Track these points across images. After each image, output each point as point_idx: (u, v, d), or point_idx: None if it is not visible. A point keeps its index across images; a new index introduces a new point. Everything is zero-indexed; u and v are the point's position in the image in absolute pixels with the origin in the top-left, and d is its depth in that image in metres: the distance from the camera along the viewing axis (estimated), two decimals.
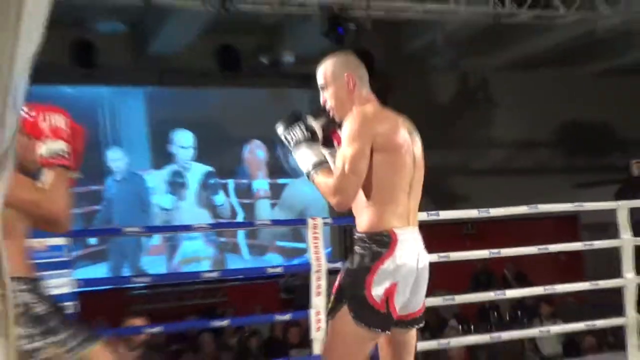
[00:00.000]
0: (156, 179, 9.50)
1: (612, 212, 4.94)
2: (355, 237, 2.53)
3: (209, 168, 9.68)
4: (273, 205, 9.96)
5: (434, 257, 4.42)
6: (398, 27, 9.37)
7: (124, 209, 9.19)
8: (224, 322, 5.26)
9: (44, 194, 2.08)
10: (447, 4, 7.20)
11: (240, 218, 9.75)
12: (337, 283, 2.56)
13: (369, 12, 6.86)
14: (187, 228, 8.48)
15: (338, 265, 3.95)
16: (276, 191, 9.96)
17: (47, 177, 2.12)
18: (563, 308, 8.02)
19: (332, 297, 2.57)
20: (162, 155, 9.54)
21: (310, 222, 4.23)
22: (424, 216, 4.59)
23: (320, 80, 2.68)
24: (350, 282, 2.47)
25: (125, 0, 6.42)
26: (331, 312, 2.51)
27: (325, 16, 6.97)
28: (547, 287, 4.79)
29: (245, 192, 9.87)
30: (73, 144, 2.21)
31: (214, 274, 4.78)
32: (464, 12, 7.41)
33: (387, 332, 2.51)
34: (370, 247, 2.46)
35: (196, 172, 9.62)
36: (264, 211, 9.91)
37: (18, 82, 0.79)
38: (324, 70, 2.67)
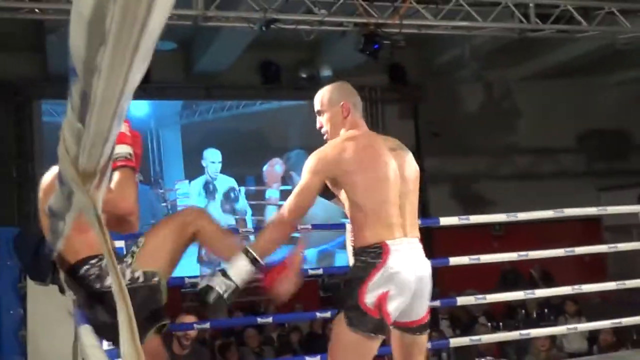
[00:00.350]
0: (189, 188, 10.00)
1: (634, 215, 4.83)
2: (353, 252, 2.54)
3: (232, 180, 10.07)
4: None
5: (465, 260, 4.37)
6: (429, 42, 9.30)
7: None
8: (269, 319, 5.19)
9: (115, 193, 2.22)
10: (474, 20, 7.12)
11: (249, 215, 10.15)
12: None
13: (402, 29, 6.80)
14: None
15: None
16: (285, 198, 10.19)
17: (116, 178, 2.25)
18: (587, 306, 7.84)
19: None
20: (193, 168, 10.01)
21: (348, 226, 4.19)
22: (455, 220, 4.55)
23: (317, 106, 2.69)
24: (345, 291, 2.48)
25: (177, 22, 6.47)
26: (333, 320, 2.54)
27: (361, 33, 6.93)
28: (575, 286, 4.68)
29: (257, 196, 10.32)
30: (134, 148, 2.35)
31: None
32: (490, 27, 7.32)
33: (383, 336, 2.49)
34: (365, 259, 2.45)
35: (222, 183, 10.07)
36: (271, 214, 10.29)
37: (125, 102, 0.77)
38: (321, 97, 2.68)
